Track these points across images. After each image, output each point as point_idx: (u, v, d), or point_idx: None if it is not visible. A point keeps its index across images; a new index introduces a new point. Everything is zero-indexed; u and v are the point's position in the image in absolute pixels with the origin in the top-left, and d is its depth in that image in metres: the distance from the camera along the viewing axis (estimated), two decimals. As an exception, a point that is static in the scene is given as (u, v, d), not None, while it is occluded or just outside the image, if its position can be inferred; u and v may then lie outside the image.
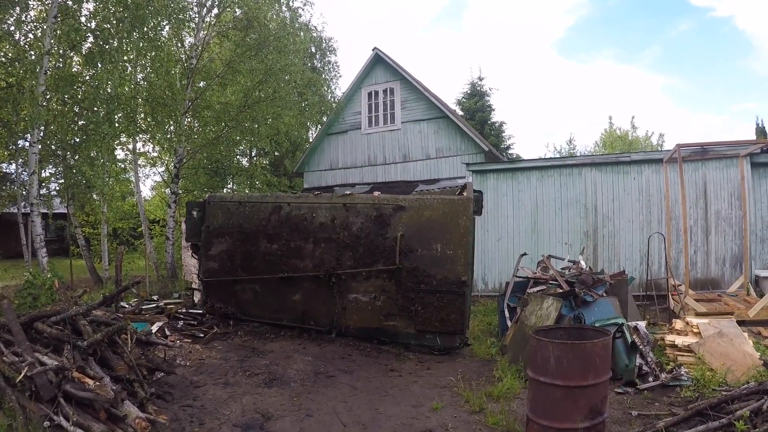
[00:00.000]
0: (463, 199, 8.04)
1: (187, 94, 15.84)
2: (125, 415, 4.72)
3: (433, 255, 7.92)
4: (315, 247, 8.50)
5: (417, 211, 8.07)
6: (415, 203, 8.16)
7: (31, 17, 13.04)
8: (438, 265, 7.89)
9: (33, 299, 9.02)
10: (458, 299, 7.85)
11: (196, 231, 9.17)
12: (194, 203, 9.38)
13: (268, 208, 8.83)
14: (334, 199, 8.74)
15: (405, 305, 8.07)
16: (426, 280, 7.93)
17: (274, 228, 8.71)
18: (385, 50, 17.89)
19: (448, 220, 7.90)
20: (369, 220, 8.26)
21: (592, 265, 12.01)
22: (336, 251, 8.36)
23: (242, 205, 9.02)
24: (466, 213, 7.87)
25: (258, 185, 20.04)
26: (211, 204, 9.13)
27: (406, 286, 8.01)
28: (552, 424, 4.41)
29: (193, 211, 9.10)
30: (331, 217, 8.45)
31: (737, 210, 11.57)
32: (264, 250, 8.77)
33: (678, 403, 5.58)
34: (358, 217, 8.33)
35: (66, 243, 19.78)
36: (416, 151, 17.30)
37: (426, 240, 7.96)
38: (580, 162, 13.35)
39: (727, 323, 6.95)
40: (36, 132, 11.79)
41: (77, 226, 17.47)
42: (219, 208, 9.06)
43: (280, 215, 8.72)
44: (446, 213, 7.94)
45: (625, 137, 38.13)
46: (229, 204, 9.09)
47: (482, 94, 29.05)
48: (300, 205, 8.72)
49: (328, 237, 8.42)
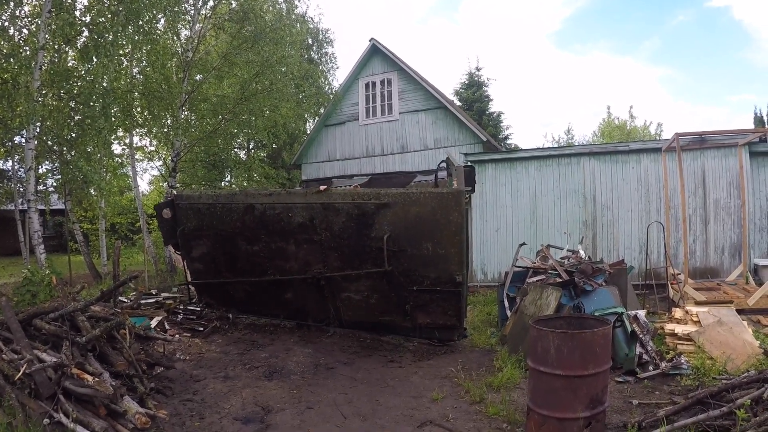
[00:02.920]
0: (453, 192, 7.12)
1: (184, 87, 15.76)
2: (125, 410, 4.73)
3: (424, 255, 7.28)
4: (298, 248, 7.92)
5: (402, 207, 7.22)
6: (399, 199, 7.26)
7: (26, 12, 12.92)
8: (430, 265, 7.32)
9: (31, 296, 9.04)
10: (453, 298, 7.49)
11: (171, 232, 8.57)
12: (162, 204, 8.68)
13: (240, 208, 8.03)
14: (310, 198, 7.73)
15: (399, 303, 7.76)
16: (418, 280, 7.46)
17: (250, 230, 8.03)
18: (382, 41, 17.83)
19: (438, 217, 7.09)
20: (351, 219, 7.49)
21: (591, 254, 12.01)
22: (320, 252, 7.82)
23: (212, 206, 8.22)
24: (458, 208, 7.03)
25: (256, 177, 19.98)
26: (180, 205, 8.42)
27: (398, 286, 7.57)
28: (553, 413, 4.41)
29: (163, 212, 8.41)
30: (309, 217, 7.67)
31: (736, 199, 11.57)
32: (246, 251, 8.22)
33: (678, 392, 5.58)
34: (339, 216, 7.53)
35: (64, 239, 19.74)
36: (414, 141, 17.27)
37: (415, 239, 7.26)
38: (579, 152, 13.32)
39: (727, 312, 6.97)
40: (32, 128, 11.73)
41: (75, 221, 17.45)
42: (190, 209, 8.35)
43: (254, 215, 7.94)
44: (435, 209, 7.10)
45: (623, 127, 38.12)
46: (199, 205, 8.32)
47: (480, 84, 28.97)
48: (273, 205, 7.86)
49: (310, 238, 7.78)
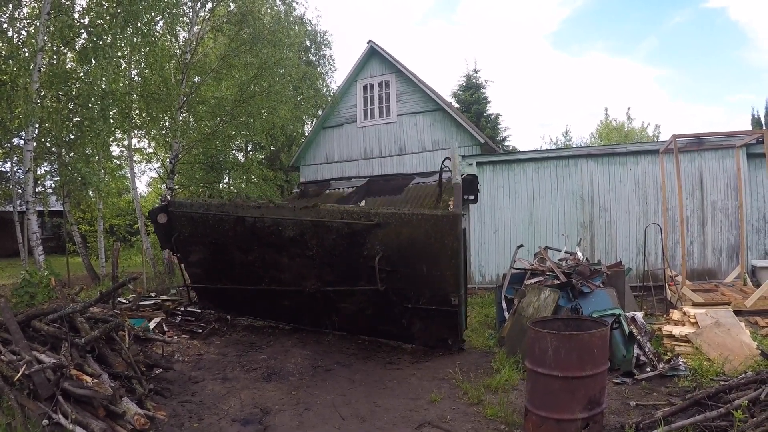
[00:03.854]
0: (448, 215, 6.71)
1: (182, 89, 15.77)
2: (124, 411, 4.73)
3: (419, 275, 7.05)
4: (291, 261, 7.80)
5: (395, 228, 6.91)
6: (391, 219, 6.92)
7: (24, 14, 12.96)
8: (424, 285, 7.14)
9: (30, 297, 9.03)
10: (450, 316, 7.37)
11: (167, 237, 8.51)
12: (156, 209, 8.52)
13: (231, 219, 7.87)
14: (299, 213, 7.47)
15: (395, 317, 7.73)
16: (413, 298, 7.36)
17: (243, 240, 7.91)
18: (380, 43, 17.85)
19: (432, 240, 6.75)
20: (342, 237, 7.23)
21: (589, 256, 12.04)
22: (313, 267, 7.68)
23: (204, 215, 8.08)
24: (453, 232, 6.63)
25: (254, 179, 19.98)
26: (175, 212, 8.32)
27: (393, 303, 7.47)
28: (550, 414, 4.42)
29: (158, 217, 8.31)
30: (300, 232, 7.45)
31: (733, 200, 11.60)
32: (241, 260, 8.15)
33: (676, 393, 5.60)
34: (329, 232, 7.29)
35: (62, 240, 19.74)
36: (412, 143, 17.27)
37: (409, 260, 7.01)
38: (577, 153, 13.34)
39: (724, 313, 6.99)
40: (30, 129, 11.74)
41: (73, 223, 17.45)
42: (183, 217, 8.26)
43: (244, 227, 7.79)
44: (429, 232, 6.76)
45: (621, 128, 38.12)
46: (192, 213, 8.20)
47: (478, 86, 28.98)
48: (263, 218, 7.69)
49: (302, 252, 7.62)
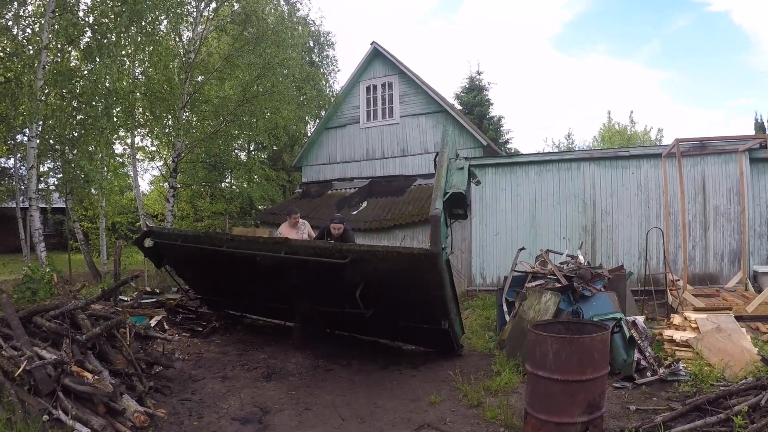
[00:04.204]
0: (426, 254, 6.07)
1: (186, 89, 15.80)
2: (124, 408, 4.73)
3: (406, 300, 6.83)
4: (277, 285, 7.62)
5: (372, 263, 6.36)
6: (366, 255, 6.36)
7: (29, 12, 13.01)
8: (413, 308, 7.00)
9: (32, 293, 9.04)
10: (442, 335, 7.29)
11: (158, 258, 8.53)
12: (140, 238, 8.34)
13: (208, 250, 7.50)
14: (271, 248, 7.02)
15: (389, 331, 7.93)
16: (403, 317, 7.29)
17: (226, 266, 7.71)
18: (383, 44, 17.87)
19: (412, 275, 6.29)
20: (320, 270, 6.79)
21: (591, 259, 12.02)
22: (299, 290, 7.51)
23: (184, 245, 7.85)
24: (434, 268, 6.12)
25: (256, 179, 20.02)
26: (156, 241, 8.18)
27: (384, 323, 7.48)
28: (550, 418, 4.42)
29: (144, 242, 8.19)
30: (276, 263, 7.05)
31: (736, 205, 11.57)
32: (229, 280, 8.09)
33: (676, 398, 5.59)
34: (306, 264, 6.82)
35: (64, 237, 19.76)
36: (415, 145, 17.27)
37: (393, 288, 6.68)
38: (579, 156, 13.33)
39: (725, 318, 6.96)
40: (34, 126, 11.79)
41: (76, 220, 17.49)
42: (164, 245, 8.16)
43: (222, 257, 7.41)
44: (408, 268, 6.26)
45: (623, 132, 38.07)
46: (170, 242, 8.03)
47: (481, 88, 28.98)
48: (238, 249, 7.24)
49: (282, 282, 7.42)
